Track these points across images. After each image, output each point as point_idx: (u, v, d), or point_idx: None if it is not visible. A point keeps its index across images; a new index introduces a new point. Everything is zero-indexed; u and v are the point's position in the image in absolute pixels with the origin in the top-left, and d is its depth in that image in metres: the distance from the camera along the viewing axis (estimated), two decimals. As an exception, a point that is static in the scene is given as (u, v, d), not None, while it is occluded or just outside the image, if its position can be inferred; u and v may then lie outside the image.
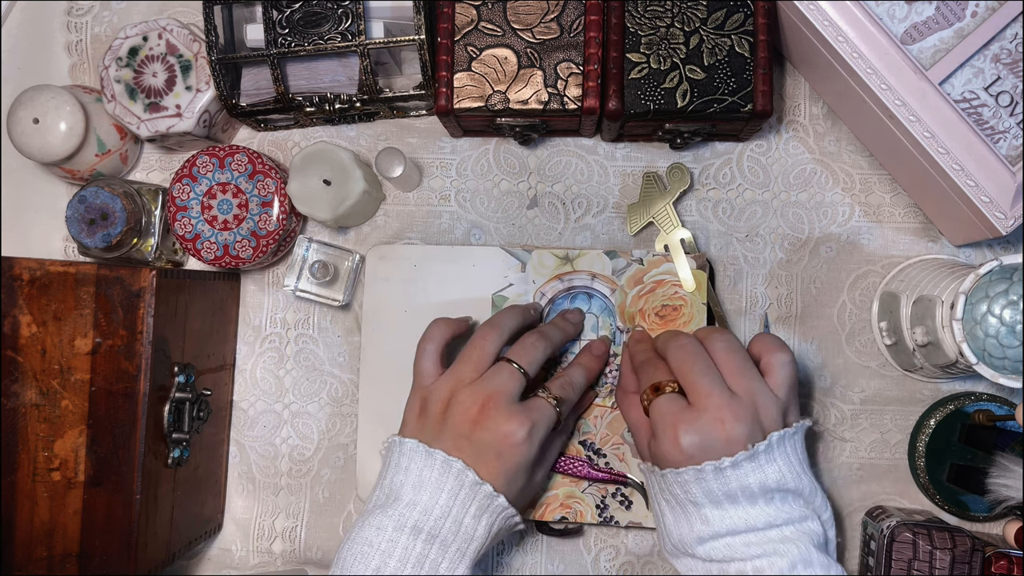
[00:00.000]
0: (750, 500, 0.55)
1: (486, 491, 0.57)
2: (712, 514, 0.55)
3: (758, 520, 0.55)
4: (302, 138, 0.73)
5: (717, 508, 0.55)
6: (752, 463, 0.55)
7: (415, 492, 0.56)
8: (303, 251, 0.70)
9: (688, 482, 0.55)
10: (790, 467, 0.56)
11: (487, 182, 0.72)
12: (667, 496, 0.57)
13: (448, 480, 0.56)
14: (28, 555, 0.60)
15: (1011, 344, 0.56)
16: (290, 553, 0.72)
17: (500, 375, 0.59)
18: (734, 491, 0.55)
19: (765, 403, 0.57)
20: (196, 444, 0.67)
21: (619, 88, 0.63)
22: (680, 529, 0.57)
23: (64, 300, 0.60)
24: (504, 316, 0.64)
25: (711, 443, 0.55)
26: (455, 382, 0.60)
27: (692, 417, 0.56)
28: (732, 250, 0.70)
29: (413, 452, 0.58)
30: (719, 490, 0.55)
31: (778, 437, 0.56)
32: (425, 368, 0.62)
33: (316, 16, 0.65)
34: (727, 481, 0.55)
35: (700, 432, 0.55)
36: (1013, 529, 0.61)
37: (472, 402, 0.58)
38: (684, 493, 0.56)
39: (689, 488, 0.55)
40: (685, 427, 0.56)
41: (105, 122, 0.69)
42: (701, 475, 0.55)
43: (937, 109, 0.60)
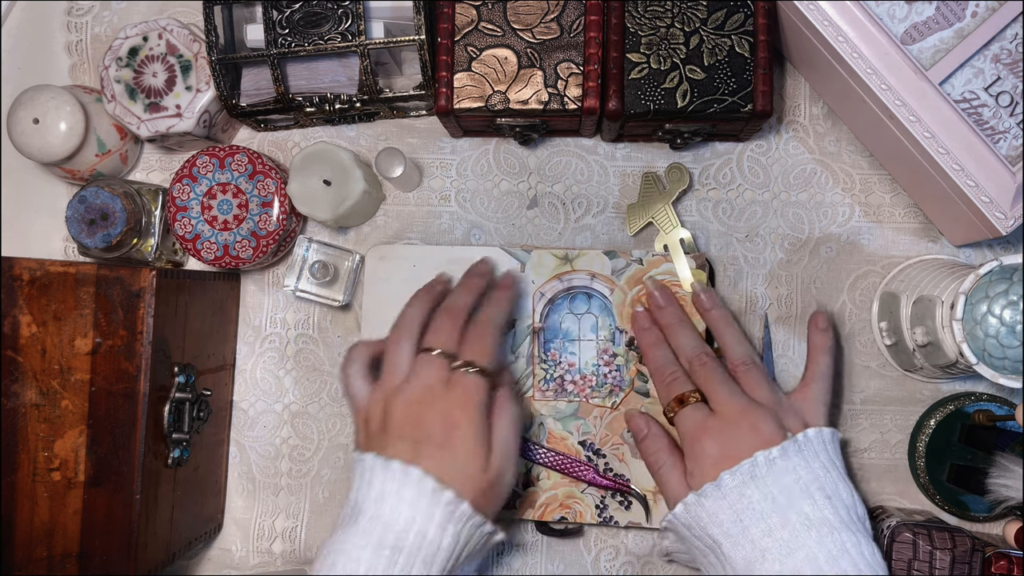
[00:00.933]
0: (809, 502, 0.55)
1: (447, 497, 0.55)
2: (773, 522, 0.54)
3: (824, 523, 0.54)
4: (302, 138, 0.73)
5: (778, 514, 0.54)
6: (798, 457, 0.56)
7: (377, 506, 0.55)
8: (303, 251, 0.70)
9: (745, 482, 0.55)
10: (829, 472, 0.57)
11: (487, 182, 0.72)
12: (720, 516, 0.56)
13: (408, 489, 0.55)
14: (28, 555, 0.60)
15: (1011, 344, 0.56)
16: (290, 553, 0.72)
17: (422, 370, 0.59)
18: (788, 489, 0.55)
19: (786, 413, 0.60)
20: (196, 444, 0.67)
21: (619, 88, 0.63)
22: (743, 551, 0.55)
23: (64, 300, 0.60)
24: (409, 311, 0.62)
25: (740, 445, 0.56)
26: (384, 392, 0.59)
27: (720, 423, 0.58)
28: (732, 250, 0.70)
29: (372, 465, 0.56)
30: (775, 489, 0.55)
31: (812, 434, 0.58)
32: (355, 391, 0.61)
33: (316, 16, 0.65)
34: (779, 476, 0.55)
35: (730, 436, 0.57)
36: (1013, 529, 0.61)
37: (405, 404, 0.58)
38: (741, 498, 0.55)
39: (747, 489, 0.55)
40: (715, 432, 0.58)
41: (105, 122, 0.69)
42: (755, 467, 0.55)
43: (937, 109, 0.60)
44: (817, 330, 0.65)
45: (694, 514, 0.57)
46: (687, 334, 0.64)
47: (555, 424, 0.67)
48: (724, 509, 0.56)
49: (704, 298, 0.65)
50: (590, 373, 0.68)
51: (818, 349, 0.65)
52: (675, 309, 0.66)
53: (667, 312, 0.65)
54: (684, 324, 0.65)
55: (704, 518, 0.57)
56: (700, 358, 0.62)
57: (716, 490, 0.56)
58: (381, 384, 0.60)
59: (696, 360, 0.62)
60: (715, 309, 0.65)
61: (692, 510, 0.57)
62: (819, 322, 0.65)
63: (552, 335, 0.68)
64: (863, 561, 0.54)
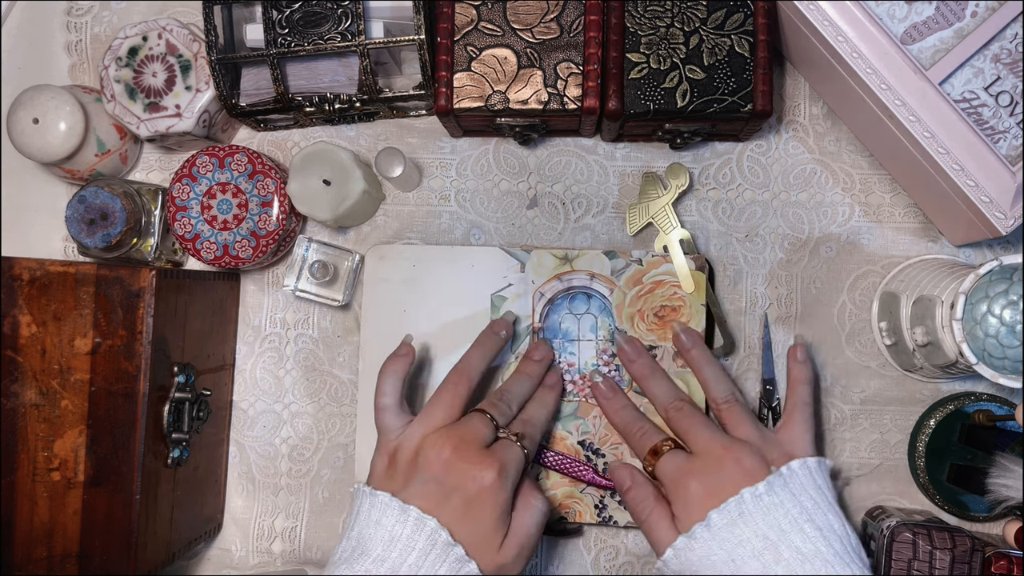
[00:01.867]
0: (800, 536, 0.54)
1: (457, 554, 0.54)
2: (767, 559, 0.54)
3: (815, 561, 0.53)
4: (302, 138, 0.73)
5: (771, 551, 0.53)
6: (785, 491, 0.55)
7: (385, 548, 0.54)
8: (303, 251, 0.70)
9: (734, 520, 0.54)
10: (817, 503, 0.56)
11: (487, 182, 0.72)
12: (712, 558, 0.55)
13: (420, 538, 0.54)
14: (28, 555, 0.60)
15: (1011, 344, 0.56)
16: (290, 553, 0.72)
17: (472, 422, 0.59)
18: (778, 524, 0.54)
19: (769, 447, 0.59)
20: (196, 444, 0.67)
21: (619, 88, 0.63)
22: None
23: (64, 300, 0.60)
24: (473, 360, 0.63)
25: (723, 483, 0.56)
26: (425, 428, 0.59)
27: (701, 465, 0.57)
28: (732, 250, 0.70)
29: (385, 506, 0.55)
30: (766, 526, 0.54)
31: (797, 465, 0.57)
32: (388, 424, 0.61)
33: (316, 16, 0.65)
34: (767, 512, 0.54)
35: (712, 475, 0.56)
36: (1013, 529, 0.61)
37: (443, 445, 0.57)
38: (732, 537, 0.54)
39: (736, 528, 0.54)
40: (697, 473, 0.57)
41: (105, 122, 0.69)
42: (742, 504, 0.54)
43: (937, 109, 0.60)
44: (795, 362, 0.65)
45: (684, 559, 0.56)
46: (660, 383, 0.64)
47: (554, 424, 0.67)
48: (715, 550, 0.55)
49: (684, 338, 0.65)
50: (590, 373, 0.68)
51: (798, 381, 0.64)
52: (647, 360, 0.66)
53: (639, 364, 0.65)
54: (657, 373, 0.65)
55: (695, 562, 0.55)
56: (676, 404, 0.62)
57: (705, 530, 0.55)
58: (425, 418, 0.60)
59: (672, 407, 0.62)
60: (695, 348, 0.65)
61: (682, 555, 0.56)
62: (797, 354, 0.65)
63: (552, 335, 0.68)
64: None
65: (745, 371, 0.70)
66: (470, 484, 0.56)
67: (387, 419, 0.61)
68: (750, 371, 0.70)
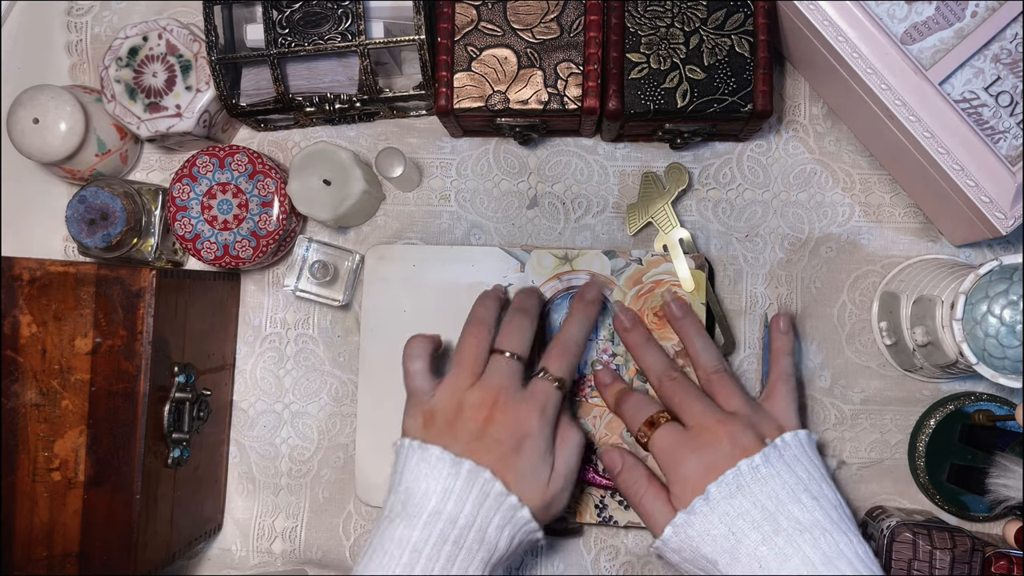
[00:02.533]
0: (797, 506, 0.54)
1: (511, 502, 0.56)
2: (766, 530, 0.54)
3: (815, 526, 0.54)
4: (302, 138, 0.73)
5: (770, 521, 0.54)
6: (780, 463, 0.56)
7: (440, 501, 0.55)
8: (303, 251, 0.70)
9: (732, 492, 0.54)
10: (811, 474, 0.57)
11: (487, 182, 0.72)
12: (713, 531, 0.55)
13: (474, 490, 0.55)
14: (28, 555, 0.60)
15: (1011, 344, 0.56)
16: (290, 553, 0.72)
17: (499, 370, 0.59)
18: (776, 494, 0.54)
19: (761, 420, 0.59)
20: (196, 444, 0.67)
21: (619, 88, 0.63)
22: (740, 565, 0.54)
23: (64, 300, 0.60)
24: (482, 309, 0.63)
25: (721, 456, 0.56)
26: (456, 388, 0.59)
27: (695, 437, 0.57)
28: (732, 250, 0.70)
29: (438, 460, 0.56)
30: (764, 497, 0.54)
31: (789, 438, 0.57)
32: (419, 386, 0.61)
33: (316, 16, 0.65)
34: (765, 483, 0.55)
35: (708, 448, 0.56)
36: (1013, 529, 0.61)
37: (481, 402, 0.58)
38: (732, 509, 0.54)
39: (735, 500, 0.54)
40: (694, 446, 0.57)
41: (105, 122, 0.69)
42: (740, 476, 0.54)
43: (937, 109, 0.60)
44: (779, 332, 0.65)
45: (684, 535, 0.56)
46: (654, 353, 0.64)
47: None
48: (715, 524, 0.55)
49: (674, 307, 0.65)
50: (589, 373, 0.68)
51: (780, 352, 0.65)
52: (642, 330, 0.66)
53: (634, 334, 0.65)
54: (650, 344, 0.65)
55: (695, 537, 0.55)
56: (669, 374, 0.62)
57: (705, 504, 0.55)
58: (452, 380, 0.60)
59: (665, 376, 0.62)
60: (685, 317, 0.65)
61: (682, 530, 0.56)
62: (780, 324, 0.66)
63: (552, 335, 0.68)
64: (858, 560, 0.54)
65: (745, 371, 0.70)
66: (509, 435, 0.57)
67: (418, 382, 0.61)
68: (750, 371, 0.70)
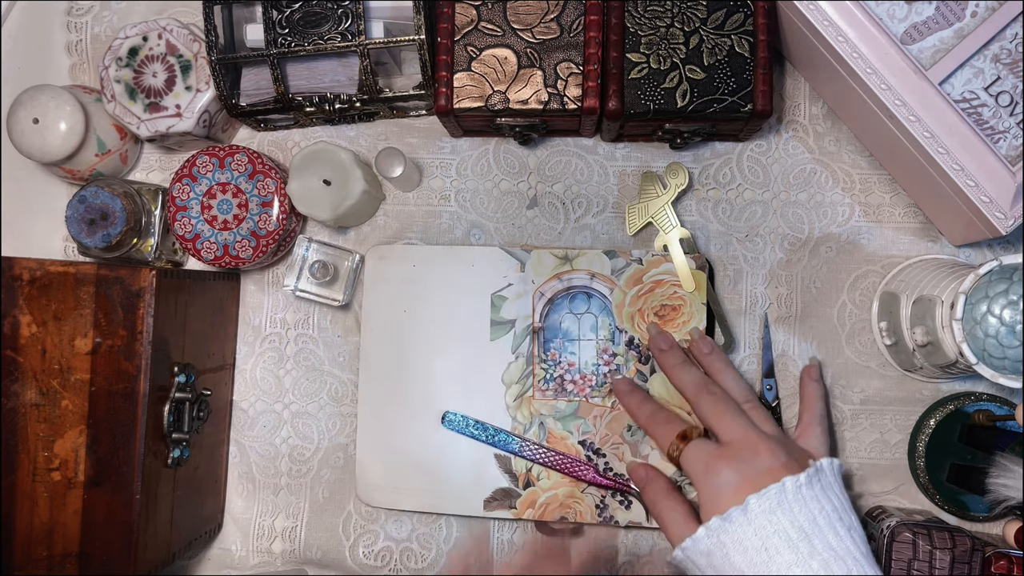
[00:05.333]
0: (832, 531, 0.54)
1: None
2: (802, 550, 0.53)
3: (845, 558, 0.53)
4: (302, 138, 0.73)
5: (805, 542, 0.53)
6: (818, 486, 0.55)
7: None
8: (303, 251, 0.70)
9: (772, 508, 0.53)
10: (843, 502, 0.56)
11: (487, 182, 0.72)
12: (746, 543, 0.54)
13: None
14: (28, 555, 0.60)
15: (1011, 344, 0.56)
16: (290, 553, 0.72)
17: None
18: (813, 517, 0.54)
19: (793, 447, 0.60)
20: (196, 444, 0.67)
21: (619, 88, 0.63)
22: None
23: (64, 300, 0.60)
24: None
25: (757, 471, 0.55)
26: None
27: (733, 451, 0.57)
28: (732, 250, 0.70)
29: None
30: (803, 517, 0.53)
31: (826, 464, 0.57)
32: None
33: (316, 16, 0.65)
34: (805, 504, 0.54)
35: (746, 461, 0.56)
36: (1013, 529, 0.61)
37: None
38: (769, 524, 0.53)
39: (774, 516, 0.53)
40: (730, 458, 0.57)
41: (105, 122, 0.69)
42: (783, 493, 0.54)
43: (937, 109, 0.60)
44: (811, 380, 0.67)
45: (717, 540, 0.54)
46: (690, 371, 0.64)
47: (555, 424, 0.67)
48: (750, 535, 0.53)
49: (702, 344, 0.66)
50: (590, 373, 0.68)
51: (813, 397, 0.66)
52: (678, 352, 0.66)
53: (669, 355, 0.66)
54: (686, 364, 0.65)
55: (728, 544, 0.54)
56: (708, 388, 0.62)
57: (743, 514, 0.54)
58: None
59: (704, 391, 0.62)
60: (713, 353, 0.65)
61: (716, 535, 0.54)
62: (812, 373, 0.68)
63: (552, 335, 0.68)
64: None
65: (745, 371, 0.70)
66: None
67: None
68: (751, 371, 0.70)
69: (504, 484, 0.67)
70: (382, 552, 0.71)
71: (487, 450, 0.68)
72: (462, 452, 0.68)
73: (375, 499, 0.69)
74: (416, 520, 0.71)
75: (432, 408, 0.69)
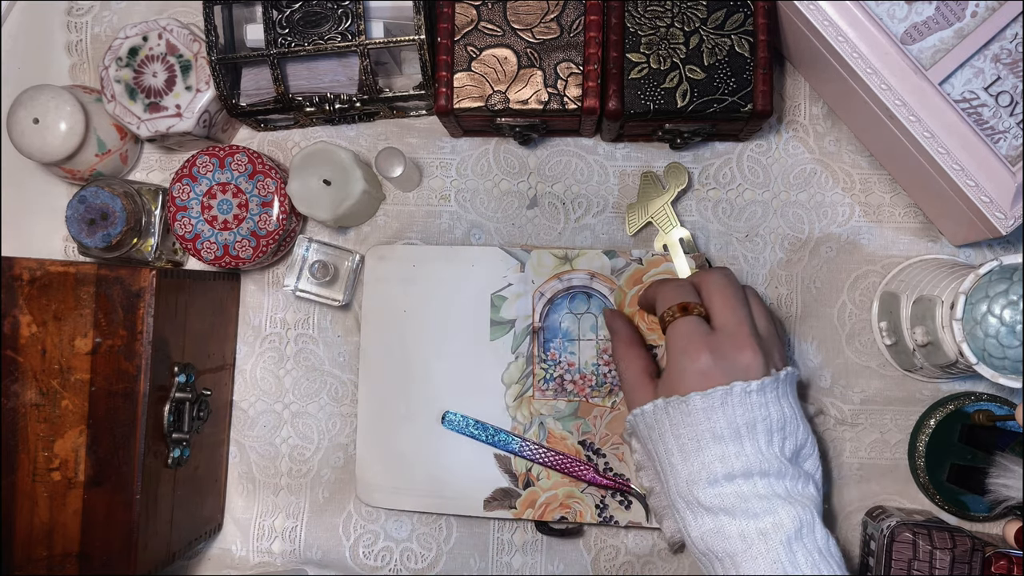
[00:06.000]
0: (767, 438, 0.55)
1: None
2: (729, 450, 0.54)
3: (771, 465, 0.55)
4: (302, 138, 0.73)
5: (735, 442, 0.55)
6: (772, 393, 0.56)
7: None
8: (303, 251, 0.70)
9: (713, 406, 0.55)
10: (794, 411, 0.57)
11: (487, 182, 0.72)
12: (680, 430, 0.56)
13: None
14: (28, 555, 0.60)
15: (1011, 344, 0.56)
16: (290, 553, 0.72)
17: None
18: (753, 421, 0.55)
19: (778, 348, 0.61)
20: (196, 444, 0.67)
21: (619, 88, 0.63)
22: (691, 467, 0.55)
23: (64, 300, 0.60)
24: None
25: (733, 368, 0.56)
26: None
27: (719, 340, 0.57)
28: (732, 250, 0.70)
29: None
30: (740, 419, 0.55)
31: (787, 373, 0.58)
32: None
33: (316, 16, 0.65)
34: (749, 409, 0.55)
35: (726, 356, 0.56)
36: (1013, 529, 0.61)
37: None
38: (706, 420, 0.55)
39: (713, 414, 0.55)
40: (713, 347, 0.57)
41: (105, 122, 0.69)
42: (729, 396, 0.55)
43: (937, 109, 0.60)
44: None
45: (661, 417, 0.57)
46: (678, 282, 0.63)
47: (555, 424, 0.67)
48: (687, 426, 0.56)
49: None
50: (590, 373, 0.68)
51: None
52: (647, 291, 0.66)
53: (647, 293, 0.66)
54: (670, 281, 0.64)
55: (667, 426, 0.56)
56: (729, 275, 0.61)
57: (684, 405, 0.56)
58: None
59: (722, 276, 0.60)
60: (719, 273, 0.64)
61: (661, 413, 0.57)
62: None
63: (552, 335, 0.68)
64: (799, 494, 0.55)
65: (745, 371, 0.70)
66: None
67: None
68: (750, 371, 0.70)
69: (504, 484, 0.67)
70: (382, 552, 0.71)
71: (487, 450, 0.68)
72: (462, 452, 0.68)
73: (375, 499, 0.69)
74: (416, 520, 0.71)
75: (432, 408, 0.69)
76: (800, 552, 0.53)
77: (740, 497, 0.54)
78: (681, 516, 0.57)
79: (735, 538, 0.54)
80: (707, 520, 0.55)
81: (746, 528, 0.53)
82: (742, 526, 0.54)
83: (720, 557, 0.54)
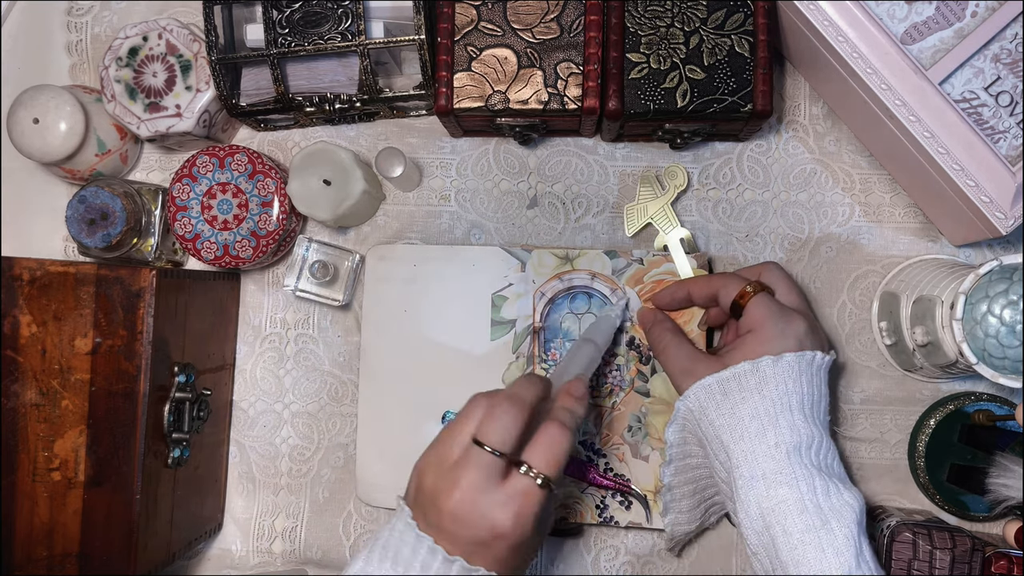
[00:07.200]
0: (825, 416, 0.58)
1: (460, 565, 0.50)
2: (797, 419, 0.56)
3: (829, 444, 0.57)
4: (302, 138, 0.73)
5: (800, 414, 0.56)
6: (827, 373, 0.60)
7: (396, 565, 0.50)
8: (303, 251, 0.70)
9: (802, 370, 0.57)
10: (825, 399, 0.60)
11: (487, 182, 0.72)
12: (766, 390, 0.56)
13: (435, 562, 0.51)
14: (28, 555, 0.60)
15: (1011, 344, 0.56)
16: (290, 553, 0.72)
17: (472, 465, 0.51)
18: (820, 397, 0.58)
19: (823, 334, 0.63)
20: (196, 444, 0.67)
21: (619, 88, 0.63)
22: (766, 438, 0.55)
23: (64, 300, 0.60)
24: None
25: (820, 340, 0.60)
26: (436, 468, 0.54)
27: (795, 316, 0.59)
28: (732, 250, 0.70)
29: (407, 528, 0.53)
30: (814, 392, 0.58)
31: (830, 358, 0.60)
32: None
33: (316, 16, 0.65)
34: (820, 384, 0.58)
35: (805, 329, 0.59)
36: (1013, 529, 0.61)
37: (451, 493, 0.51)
38: (794, 383, 0.57)
39: (800, 378, 0.57)
40: (801, 317, 0.59)
41: (105, 122, 0.69)
42: (812, 364, 0.58)
43: (937, 109, 0.60)
44: None
45: (740, 383, 0.57)
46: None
47: None
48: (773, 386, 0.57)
49: None
50: (590, 373, 0.68)
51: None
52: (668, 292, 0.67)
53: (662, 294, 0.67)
54: None
55: (752, 385, 0.57)
56: (782, 267, 0.64)
57: (776, 363, 0.57)
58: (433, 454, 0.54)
59: (779, 267, 0.63)
60: None
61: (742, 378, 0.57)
62: None
63: (552, 335, 0.68)
64: None
65: (745, 371, 0.70)
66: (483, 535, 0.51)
67: None
68: (750, 371, 0.70)
69: (504, 484, 0.67)
70: (382, 552, 0.71)
71: (487, 450, 0.68)
72: (462, 452, 0.68)
73: (375, 499, 0.69)
74: (416, 520, 0.71)
75: (432, 408, 0.69)
76: (864, 543, 0.53)
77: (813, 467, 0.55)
78: (742, 493, 0.55)
79: (812, 512, 0.53)
80: (782, 491, 0.54)
81: (822, 503, 0.53)
82: (818, 501, 0.53)
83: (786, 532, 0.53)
